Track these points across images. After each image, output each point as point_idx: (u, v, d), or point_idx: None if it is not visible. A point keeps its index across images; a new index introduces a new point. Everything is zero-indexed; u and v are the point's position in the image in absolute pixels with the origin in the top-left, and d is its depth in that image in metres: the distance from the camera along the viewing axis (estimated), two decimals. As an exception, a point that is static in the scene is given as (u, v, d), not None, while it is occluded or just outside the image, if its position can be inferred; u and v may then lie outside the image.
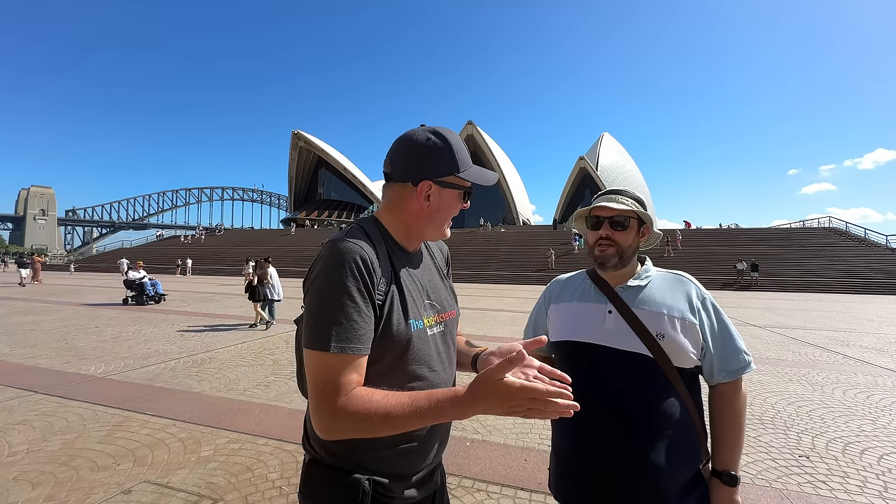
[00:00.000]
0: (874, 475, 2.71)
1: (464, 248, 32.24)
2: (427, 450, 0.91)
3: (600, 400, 1.03)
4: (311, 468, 0.88)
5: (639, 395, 1.02)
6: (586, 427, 1.05)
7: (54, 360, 5.34)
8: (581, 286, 1.20)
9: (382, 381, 0.84)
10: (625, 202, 1.12)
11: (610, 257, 1.10)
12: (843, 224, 31.59)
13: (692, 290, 1.09)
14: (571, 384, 1.09)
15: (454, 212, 0.95)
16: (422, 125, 0.93)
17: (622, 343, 1.04)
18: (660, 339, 1.02)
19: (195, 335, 7.20)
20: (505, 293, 17.60)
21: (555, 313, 1.21)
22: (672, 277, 1.14)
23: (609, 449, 1.02)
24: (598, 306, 1.11)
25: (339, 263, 0.79)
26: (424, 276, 0.98)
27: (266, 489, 2.44)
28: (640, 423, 1.01)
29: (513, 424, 3.45)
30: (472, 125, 65.07)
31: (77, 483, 2.47)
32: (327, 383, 0.75)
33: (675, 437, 1.01)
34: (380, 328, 0.82)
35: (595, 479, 1.03)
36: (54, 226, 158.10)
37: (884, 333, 8.67)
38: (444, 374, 0.94)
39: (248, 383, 4.47)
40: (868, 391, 4.55)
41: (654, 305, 1.06)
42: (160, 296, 12.18)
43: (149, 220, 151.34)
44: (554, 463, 1.16)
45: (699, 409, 1.07)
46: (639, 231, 1.14)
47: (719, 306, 1.10)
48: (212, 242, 41.50)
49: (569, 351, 1.13)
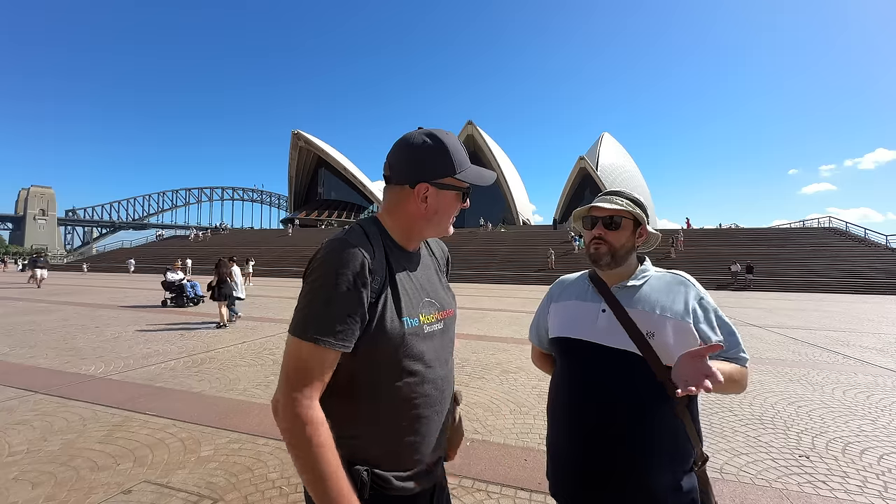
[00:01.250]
0: (874, 475, 2.71)
1: (465, 248, 32.25)
2: (427, 444, 0.93)
3: (590, 396, 1.06)
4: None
5: (628, 392, 1.03)
6: (576, 422, 1.08)
7: (54, 360, 5.34)
8: (580, 286, 1.23)
9: (380, 376, 0.88)
10: (619, 202, 1.14)
11: (602, 255, 1.13)
12: (843, 224, 31.59)
13: (689, 291, 1.10)
14: (565, 379, 1.15)
15: (453, 212, 0.98)
16: (419, 128, 0.96)
17: (612, 341, 1.06)
18: (650, 338, 1.03)
19: (195, 335, 7.20)
20: (506, 293, 17.60)
21: (554, 311, 1.24)
22: (669, 278, 1.14)
23: (598, 446, 1.04)
24: (594, 304, 1.14)
25: (335, 260, 0.83)
26: (423, 275, 1.00)
27: (266, 489, 2.44)
28: (628, 420, 1.02)
29: (513, 424, 3.46)
30: (472, 125, 65.08)
31: (77, 483, 2.47)
32: (295, 369, 0.81)
33: (665, 437, 1.02)
34: (373, 324, 0.85)
35: (585, 477, 1.05)
36: (54, 226, 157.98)
37: (884, 333, 8.67)
38: (439, 370, 0.96)
39: (248, 383, 4.47)
40: (868, 391, 4.55)
41: (648, 305, 1.08)
42: (199, 297, 11.83)
43: (149, 220, 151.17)
44: (548, 457, 1.18)
45: (693, 411, 1.07)
46: (634, 232, 1.15)
47: (717, 307, 1.10)
48: (212, 242, 41.57)
49: (563, 347, 1.16)
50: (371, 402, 0.88)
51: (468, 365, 5.38)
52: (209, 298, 8.77)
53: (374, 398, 0.88)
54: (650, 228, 1.18)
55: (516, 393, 4.28)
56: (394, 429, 0.90)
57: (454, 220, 1.01)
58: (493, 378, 4.81)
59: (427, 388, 0.93)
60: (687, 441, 1.04)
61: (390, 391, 0.89)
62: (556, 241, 31.77)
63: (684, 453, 1.04)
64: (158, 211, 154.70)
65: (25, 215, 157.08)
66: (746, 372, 1.09)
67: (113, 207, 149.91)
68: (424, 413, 0.93)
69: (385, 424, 0.89)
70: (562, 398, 1.14)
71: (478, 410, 3.77)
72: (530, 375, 4.92)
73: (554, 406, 1.17)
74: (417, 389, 0.91)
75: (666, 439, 1.02)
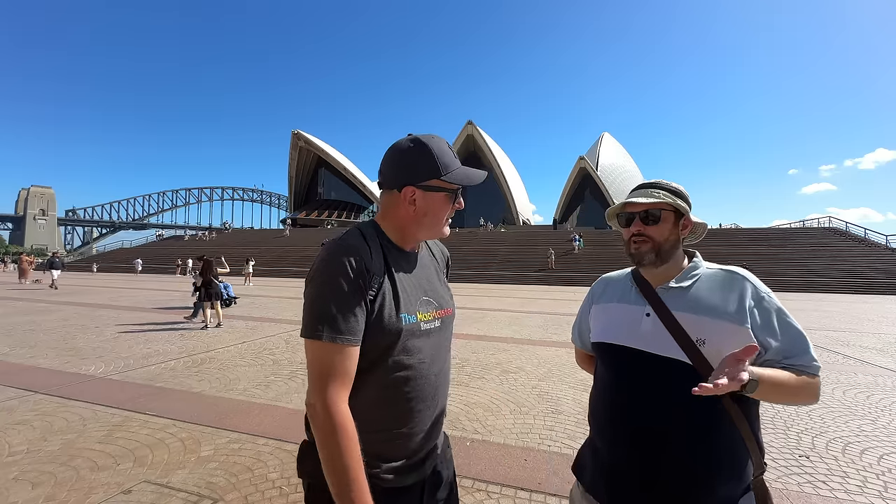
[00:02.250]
0: (874, 475, 2.71)
1: (465, 248, 32.25)
2: (417, 438, 0.97)
3: (636, 403, 0.99)
4: (306, 448, 0.95)
5: (675, 403, 0.95)
6: (621, 431, 1.01)
7: (54, 360, 5.34)
8: (623, 286, 1.14)
9: (375, 369, 0.92)
10: (656, 195, 1.05)
11: (645, 254, 1.04)
12: (843, 224, 31.60)
13: (746, 289, 0.98)
14: (608, 385, 1.10)
15: (445, 213, 1.00)
16: (408, 134, 0.99)
17: (658, 348, 0.98)
18: (700, 346, 0.94)
19: (195, 335, 7.20)
20: (506, 293, 17.60)
21: (596, 313, 1.17)
22: (723, 275, 1.02)
23: (645, 456, 0.97)
24: (637, 308, 1.05)
25: (335, 262, 0.87)
26: (422, 274, 1.04)
27: (266, 489, 2.44)
28: (675, 431, 0.95)
29: (513, 424, 3.46)
30: (472, 125, 65.09)
31: (77, 483, 2.47)
32: (321, 371, 0.85)
33: (717, 449, 0.94)
34: (372, 320, 0.89)
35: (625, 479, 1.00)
36: (54, 226, 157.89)
37: (884, 333, 8.67)
38: (434, 367, 0.99)
39: (248, 383, 4.47)
40: (868, 391, 4.55)
41: (698, 308, 0.98)
42: (232, 299, 11.53)
43: (149, 220, 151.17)
44: (590, 457, 1.12)
45: (751, 421, 0.96)
46: (677, 223, 1.05)
47: (783, 306, 0.98)
48: (212, 242, 41.57)
49: (605, 353, 1.10)
50: (364, 395, 0.91)
51: (468, 365, 5.38)
52: (195, 301, 8.49)
53: (368, 391, 0.91)
54: (694, 218, 1.07)
55: (516, 393, 4.28)
56: (386, 422, 0.93)
57: (449, 221, 1.03)
58: (493, 378, 4.80)
59: (420, 384, 0.96)
60: (743, 453, 0.95)
61: (384, 385, 0.92)
62: (556, 241, 31.77)
63: (738, 466, 0.95)
64: (158, 211, 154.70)
65: (25, 215, 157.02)
66: (814, 382, 0.95)
67: (113, 207, 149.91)
68: (417, 407, 0.96)
69: (377, 417, 0.92)
70: (604, 403, 1.08)
71: (478, 410, 3.76)
72: (530, 375, 4.92)
73: (594, 410, 1.12)
74: (411, 384, 0.94)
75: (716, 450, 0.93)
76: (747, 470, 0.96)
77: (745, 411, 0.96)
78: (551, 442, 3.13)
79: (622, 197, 1.13)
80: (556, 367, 5.28)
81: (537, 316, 10.56)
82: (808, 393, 0.94)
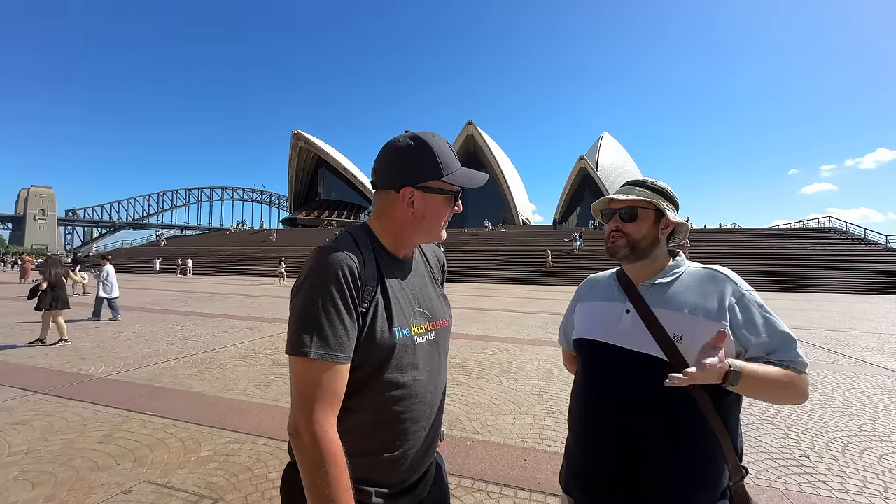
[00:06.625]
0: (874, 475, 2.71)
1: (465, 248, 32.23)
2: (409, 461, 0.90)
3: (609, 401, 1.00)
4: (292, 471, 0.86)
5: (650, 400, 0.94)
6: (594, 427, 1.02)
7: (54, 360, 5.35)
8: (607, 285, 1.15)
9: (365, 388, 0.85)
10: (637, 192, 1.06)
11: (619, 248, 1.05)
12: (843, 224, 31.59)
13: (727, 287, 0.98)
14: (583, 383, 1.10)
15: (444, 216, 0.94)
16: (405, 131, 0.92)
17: (636, 344, 0.98)
18: (677, 342, 0.94)
19: (195, 335, 7.20)
20: (506, 293, 17.60)
21: (579, 312, 1.18)
22: (704, 273, 1.03)
23: (616, 453, 0.97)
24: (618, 305, 1.06)
25: (324, 271, 0.80)
26: (416, 283, 0.97)
27: (266, 489, 2.44)
28: (649, 429, 0.94)
29: (513, 424, 3.46)
30: (472, 125, 65.04)
31: (77, 483, 2.47)
32: (305, 391, 0.77)
33: (691, 449, 0.93)
34: (363, 335, 0.83)
35: (596, 482, 1.00)
36: (54, 226, 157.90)
37: (884, 333, 8.67)
38: (429, 383, 0.93)
39: (248, 383, 4.47)
40: (868, 391, 4.55)
41: (677, 305, 0.98)
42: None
43: (149, 220, 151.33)
44: (564, 461, 1.13)
45: (728, 421, 0.95)
46: (657, 222, 1.05)
47: (764, 303, 0.97)
48: (213, 242, 41.55)
49: (584, 349, 1.11)
50: (354, 417, 0.84)
51: (468, 365, 5.38)
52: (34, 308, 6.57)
53: (358, 413, 0.85)
54: (675, 217, 1.06)
55: (516, 393, 4.28)
56: (377, 446, 0.86)
57: (446, 224, 0.97)
58: (493, 378, 4.80)
59: (415, 403, 0.89)
60: (718, 454, 0.94)
61: (376, 405, 0.86)
62: (556, 241, 31.77)
63: (712, 467, 0.94)
64: (158, 211, 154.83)
65: (25, 215, 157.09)
66: (802, 379, 0.93)
67: (113, 207, 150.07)
68: (411, 429, 0.89)
69: (368, 441, 0.86)
70: (579, 401, 1.08)
71: (478, 410, 3.77)
72: (530, 375, 4.92)
73: (571, 410, 1.12)
74: (403, 404, 0.87)
75: (690, 450, 0.93)
76: (723, 475, 0.95)
77: (724, 415, 0.95)
78: (551, 442, 3.13)
79: None
80: (556, 367, 5.28)
81: (537, 316, 10.56)
82: (795, 389, 0.92)
